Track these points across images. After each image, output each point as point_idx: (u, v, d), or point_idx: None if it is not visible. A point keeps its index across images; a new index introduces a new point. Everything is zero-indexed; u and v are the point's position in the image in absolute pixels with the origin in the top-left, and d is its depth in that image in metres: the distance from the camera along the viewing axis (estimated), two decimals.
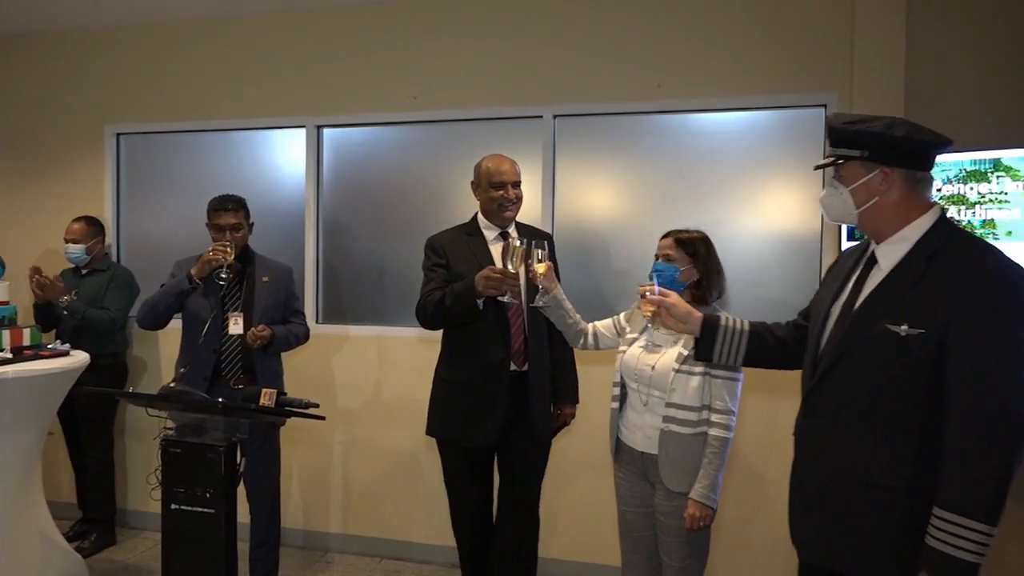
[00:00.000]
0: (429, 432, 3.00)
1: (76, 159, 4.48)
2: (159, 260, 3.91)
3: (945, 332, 1.62)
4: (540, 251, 2.56)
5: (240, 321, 3.21)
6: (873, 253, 1.82)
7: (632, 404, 2.52)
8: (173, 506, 2.53)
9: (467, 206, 3.25)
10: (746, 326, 2.11)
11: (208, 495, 2.49)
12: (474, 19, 3.83)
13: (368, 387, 4.01)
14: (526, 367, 2.88)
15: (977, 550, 1.57)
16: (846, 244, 3.16)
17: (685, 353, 2.39)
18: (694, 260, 2.49)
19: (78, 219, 4.06)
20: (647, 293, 2.19)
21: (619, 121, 3.70)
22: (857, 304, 1.80)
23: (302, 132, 4.11)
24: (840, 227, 3.18)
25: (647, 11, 3.59)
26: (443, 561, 3.83)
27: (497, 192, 2.89)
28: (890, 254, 1.77)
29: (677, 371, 2.39)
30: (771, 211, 3.52)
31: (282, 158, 4.22)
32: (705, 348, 2.12)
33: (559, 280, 2.67)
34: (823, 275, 2.25)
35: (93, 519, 4.04)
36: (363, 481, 4.05)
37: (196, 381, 3.13)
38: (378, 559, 3.94)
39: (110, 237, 4.34)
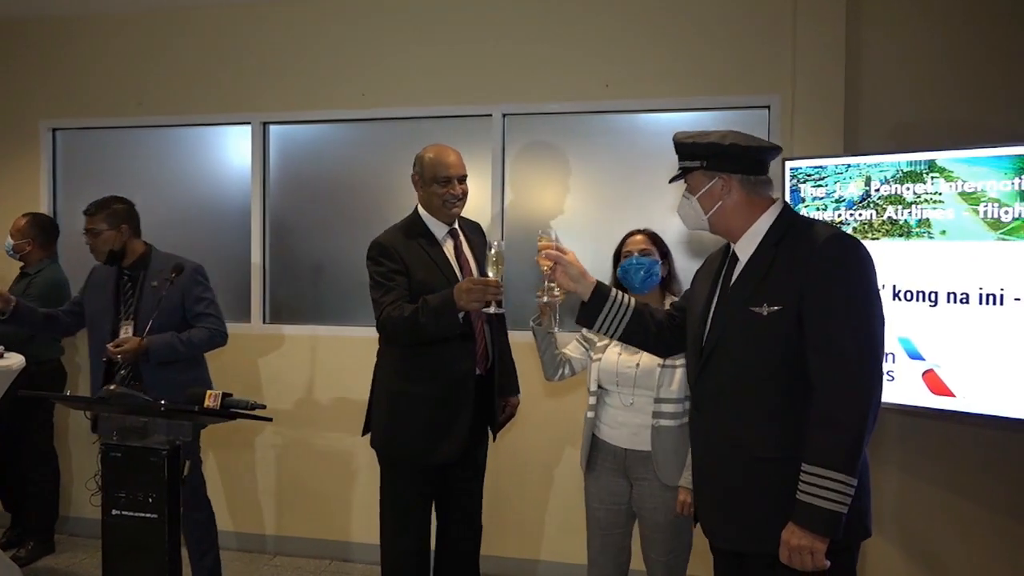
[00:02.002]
0: (379, 447, 2.81)
1: (11, 155, 4.32)
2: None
3: (800, 304, 1.77)
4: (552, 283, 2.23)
5: (129, 329, 3.06)
6: (733, 251, 1.98)
7: (612, 404, 2.55)
8: (114, 512, 2.46)
9: (410, 204, 3.19)
10: (632, 303, 2.18)
11: (151, 499, 2.42)
12: (423, 16, 3.81)
13: (304, 386, 3.96)
14: (489, 370, 2.82)
15: (840, 499, 1.69)
16: None
17: None
18: (664, 257, 2.60)
19: (25, 215, 3.91)
20: (546, 251, 2.13)
21: (568, 120, 3.72)
22: (724, 296, 1.95)
23: (247, 129, 4.04)
24: None
25: (595, 11, 3.62)
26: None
27: (442, 188, 2.72)
28: (745, 248, 1.93)
29: (662, 367, 2.44)
30: None
31: (227, 155, 4.13)
32: (589, 314, 2.16)
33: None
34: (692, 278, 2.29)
35: (31, 528, 3.91)
36: (299, 482, 4.01)
37: (92, 390, 3.10)
38: (327, 560, 3.90)
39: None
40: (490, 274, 2.43)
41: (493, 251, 2.43)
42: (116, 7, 4.09)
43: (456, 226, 2.86)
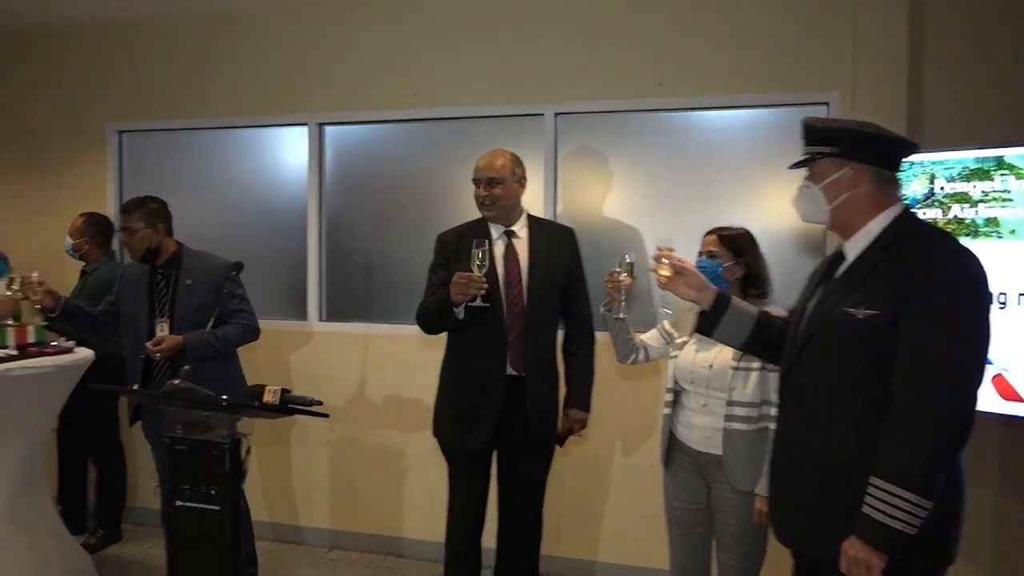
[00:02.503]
0: (433, 432, 3.01)
1: (78, 157, 4.48)
2: None
3: (898, 314, 1.68)
4: (630, 267, 2.47)
5: (166, 327, 3.13)
6: (842, 250, 1.91)
7: (688, 405, 2.53)
8: (178, 503, 2.54)
9: (467, 204, 3.24)
10: (754, 311, 2.14)
11: (213, 492, 2.50)
12: (476, 15, 3.83)
13: (357, 384, 4.02)
14: (524, 372, 2.84)
15: (909, 520, 1.62)
16: None
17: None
18: (738, 257, 2.52)
19: (82, 214, 4.06)
20: (664, 259, 2.13)
21: (621, 119, 3.70)
22: (824, 295, 1.89)
23: (304, 130, 4.11)
24: None
25: (648, 8, 3.59)
26: (439, 558, 3.84)
27: (475, 190, 2.88)
28: (854, 247, 1.86)
29: (736, 368, 2.41)
30: (774, 209, 3.52)
31: (284, 156, 4.22)
32: (709, 323, 2.12)
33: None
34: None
35: (100, 516, 4.06)
36: (351, 477, 4.07)
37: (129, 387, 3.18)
38: (382, 556, 3.95)
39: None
40: (475, 269, 2.60)
41: (479, 252, 2.61)
42: (179, 13, 4.21)
43: (516, 227, 2.91)
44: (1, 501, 3.10)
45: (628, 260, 2.52)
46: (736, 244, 2.54)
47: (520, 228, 2.91)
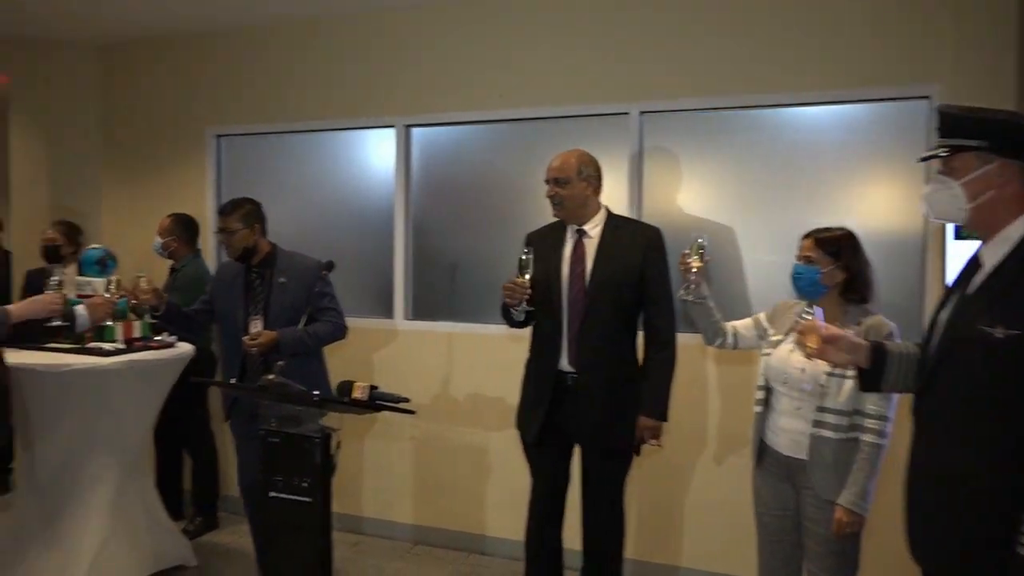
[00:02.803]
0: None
1: (180, 160, 4.71)
2: None
3: None
4: (701, 249, 2.55)
5: (259, 324, 3.21)
6: (978, 257, 1.75)
7: (778, 407, 2.47)
8: (272, 494, 2.63)
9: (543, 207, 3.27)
10: (913, 350, 1.93)
11: (305, 484, 2.58)
12: (562, 15, 3.82)
13: (441, 381, 4.07)
14: (578, 370, 2.84)
15: None
16: (952, 245, 3.02)
17: None
18: (837, 260, 2.39)
19: (170, 215, 4.27)
20: (803, 322, 2.05)
21: (708, 117, 3.63)
22: (957, 308, 1.74)
23: (391, 132, 4.20)
24: (945, 226, 3.04)
25: (737, 3, 3.51)
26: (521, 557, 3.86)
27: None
28: (992, 254, 1.71)
29: (830, 374, 2.32)
30: (870, 209, 3.39)
31: (373, 157, 4.32)
32: (872, 380, 1.95)
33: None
34: (927, 278, 2.15)
35: (197, 503, 4.25)
36: (435, 474, 4.13)
37: (225, 380, 3.30)
38: (466, 553, 4.00)
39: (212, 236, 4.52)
40: (525, 277, 2.76)
41: (521, 258, 2.78)
42: (272, 21, 4.37)
43: (587, 226, 2.91)
44: (108, 488, 3.30)
45: (700, 241, 2.56)
46: (835, 247, 2.40)
47: (593, 227, 2.91)
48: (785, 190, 3.50)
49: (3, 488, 4.74)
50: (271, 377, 2.63)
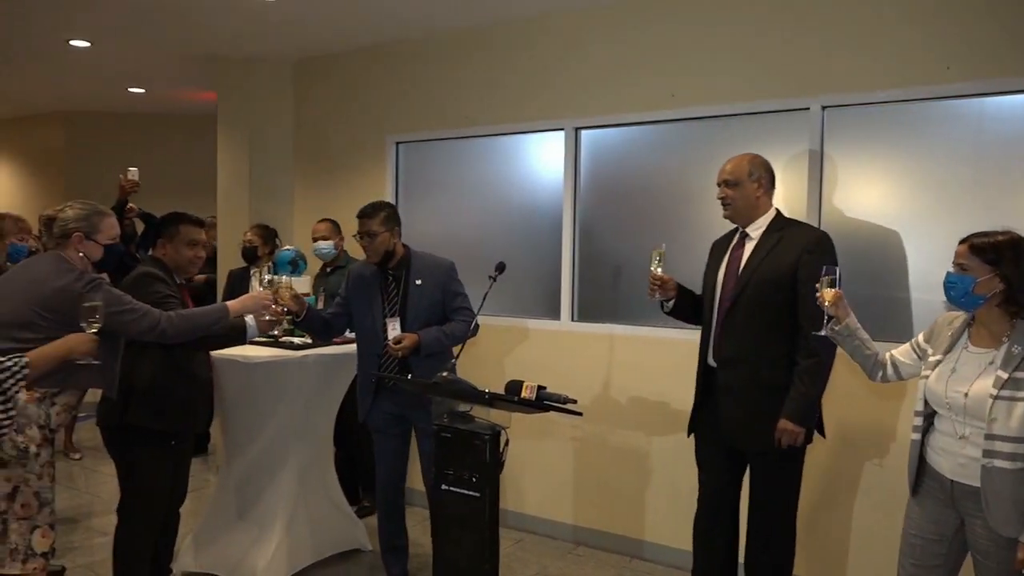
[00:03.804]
0: None
1: (362, 166, 5.01)
2: None
3: None
4: (832, 276, 2.38)
5: (397, 326, 3.26)
6: None
7: (942, 429, 2.26)
8: (443, 487, 2.73)
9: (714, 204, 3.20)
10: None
11: (474, 479, 2.65)
12: (735, 9, 3.69)
13: (602, 383, 4.05)
14: (717, 365, 2.93)
15: None
16: None
17: (1004, 376, 2.09)
18: (997, 268, 2.15)
19: (322, 220, 4.53)
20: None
21: (898, 110, 3.37)
22: None
23: (560, 134, 4.24)
24: None
25: None
26: (683, 565, 3.77)
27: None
28: None
29: (996, 397, 2.10)
30: None
31: (542, 160, 4.38)
32: None
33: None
34: None
35: (369, 488, 4.48)
36: (595, 475, 4.12)
37: (367, 383, 3.37)
38: (627, 557, 3.96)
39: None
40: (657, 271, 2.99)
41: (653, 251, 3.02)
42: (444, 30, 4.54)
43: (750, 229, 2.93)
44: (294, 474, 3.57)
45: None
46: (992, 254, 2.15)
47: (755, 230, 2.92)
48: (988, 189, 3.18)
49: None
50: (444, 374, 2.73)
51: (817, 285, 2.40)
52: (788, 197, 3.52)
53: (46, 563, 2.88)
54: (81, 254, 2.72)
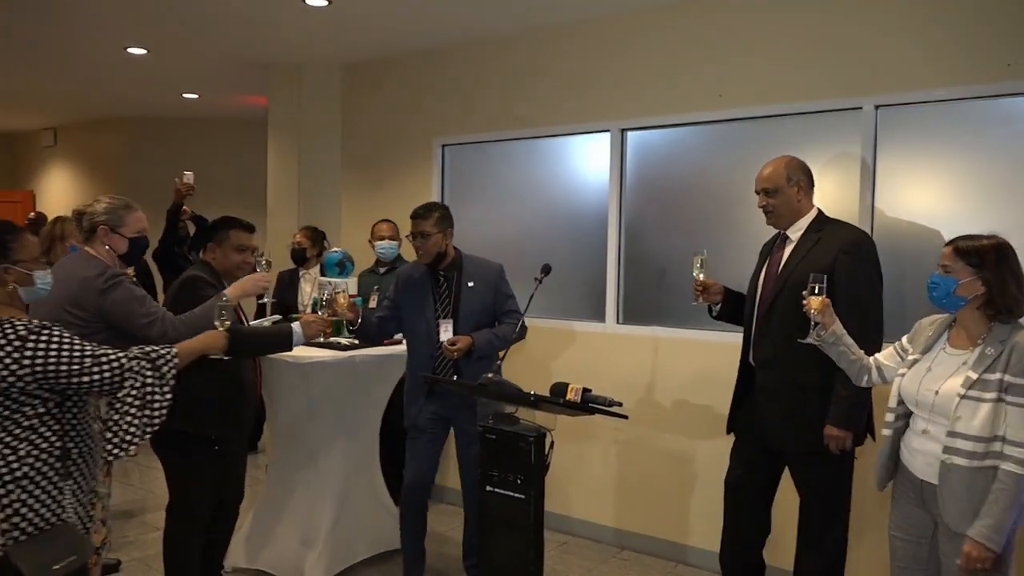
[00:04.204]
0: None
1: (408, 169, 5.05)
2: None
3: None
4: (819, 284, 2.42)
5: (449, 328, 3.25)
6: None
7: (915, 428, 2.30)
8: (488, 488, 2.74)
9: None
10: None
11: (519, 481, 2.66)
12: (784, 7, 3.63)
13: (646, 385, 4.02)
14: (756, 365, 2.95)
15: None
16: None
17: (974, 377, 2.11)
18: (979, 271, 2.17)
19: (384, 220, 4.57)
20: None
21: (955, 108, 3.27)
22: None
23: (606, 136, 4.22)
24: None
25: None
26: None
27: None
28: None
29: (963, 396, 2.13)
30: None
31: (587, 162, 4.36)
32: None
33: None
34: None
35: None
36: (639, 479, 4.09)
37: (417, 385, 3.35)
38: (672, 563, 3.92)
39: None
40: (700, 277, 3.05)
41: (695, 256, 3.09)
42: (489, 34, 4.56)
43: (790, 231, 2.95)
44: (340, 472, 3.61)
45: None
46: (977, 257, 2.18)
47: (795, 232, 2.93)
48: None
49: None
50: (490, 375, 2.74)
51: (804, 292, 2.46)
52: (839, 198, 3.45)
53: (98, 557, 2.91)
54: (107, 247, 2.77)
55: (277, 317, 3.42)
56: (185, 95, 6.80)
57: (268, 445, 4.66)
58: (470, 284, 3.32)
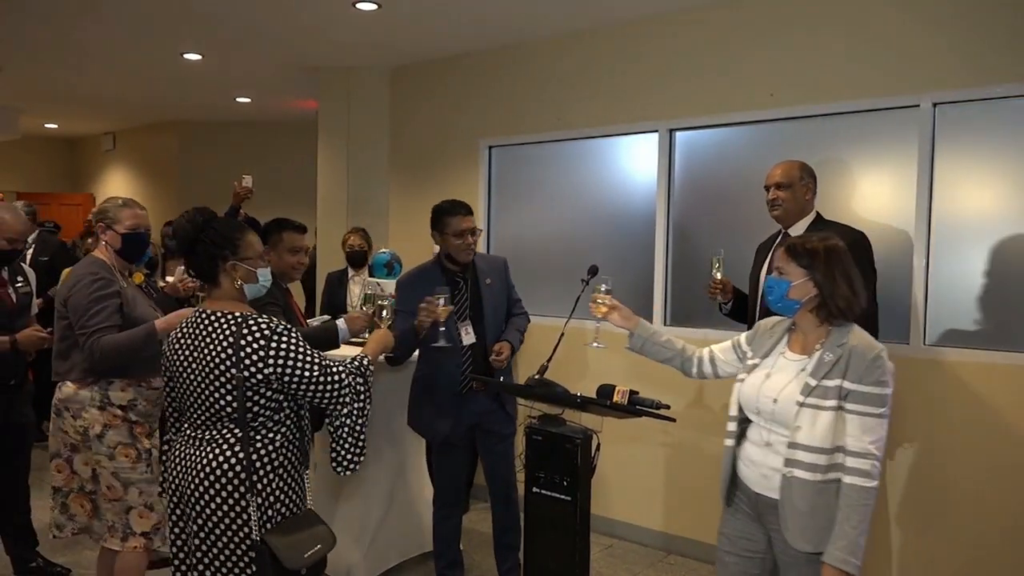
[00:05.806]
0: None
1: (455, 170, 5.08)
2: (522, 260, 4.29)
3: None
4: (605, 285, 2.56)
5: (471, 330, 3.14)
6: None
7: (752, 438, 2.20)
8: (534, 489, 2.74)
9: (820, 208, 3.17)
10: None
11: (565, 482, 2.65)
12: (834, 5, 3.55)
13: (695, 388, 3.97)
14: None
15: None
16: None
17: (813, 384, 2.01)
18: (810, 272, 2.09)
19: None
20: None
21: (1015, 106, 3.16)
22: None
23: (654, 136, 4.18)
24: None
25: None
26: None
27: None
28: None
29: (803, 404, 2.03)
30: None
31: (636, 162, 4.33)
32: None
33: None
34: None
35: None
36: (684, 483, 4.04)
37: (450, 398, 3.19)
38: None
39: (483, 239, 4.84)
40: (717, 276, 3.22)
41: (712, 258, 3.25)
42: (536, 35, 4.56)
43: (792, 229, 3.05)
44: (387, 473, 3.65)
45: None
46: (807, 258, 2.10)
47: (796, 230, 3.03)
48: None
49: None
50: (537, 376, 2.74)
51: (594, 294, 2.55)
52: (896, 197, 3.37)
53: (148, 542, 2.81)
54: (107, 246, 2.85)
55: (326, 317, 3.46)
56: (238, 99, 6.95)
57: (315, 446, 4.72)
58: (488, 281, 3.26)
